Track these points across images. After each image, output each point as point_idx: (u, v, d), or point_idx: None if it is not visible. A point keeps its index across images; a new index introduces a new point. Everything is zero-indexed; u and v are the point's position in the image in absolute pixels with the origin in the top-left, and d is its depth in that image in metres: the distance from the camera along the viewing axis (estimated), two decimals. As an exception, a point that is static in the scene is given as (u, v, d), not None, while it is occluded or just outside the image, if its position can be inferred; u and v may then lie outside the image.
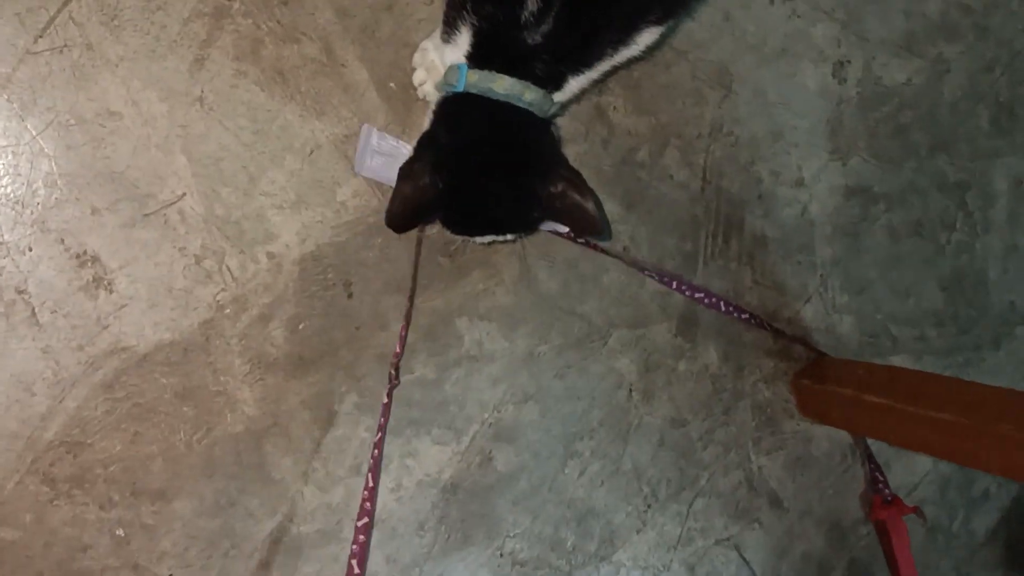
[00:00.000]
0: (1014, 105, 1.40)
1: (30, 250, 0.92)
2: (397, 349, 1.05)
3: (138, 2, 0.93)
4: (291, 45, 0.99)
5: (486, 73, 0.83)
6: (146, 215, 0.96)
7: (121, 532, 0.98)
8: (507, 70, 0.83)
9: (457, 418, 1.12)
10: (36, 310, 0.93)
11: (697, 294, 1.19)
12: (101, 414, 0.96)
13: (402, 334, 1.06)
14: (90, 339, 0.95)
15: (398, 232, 0.94)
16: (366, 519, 1.02)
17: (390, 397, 1.05)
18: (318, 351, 1.04)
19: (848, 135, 1.29)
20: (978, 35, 1.35)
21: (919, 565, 1.29)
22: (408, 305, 1.06)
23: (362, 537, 1.00)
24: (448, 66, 0.87)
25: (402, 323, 1.06)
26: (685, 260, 1.21)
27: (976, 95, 1.37)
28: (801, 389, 1.29)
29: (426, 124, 0.90)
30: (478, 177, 0.86)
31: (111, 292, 0.95)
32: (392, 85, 1.04)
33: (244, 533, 1.02)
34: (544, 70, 0.84)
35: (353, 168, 1.02)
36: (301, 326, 1.03)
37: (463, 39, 0.84)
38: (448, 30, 0.86)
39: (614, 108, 1.15)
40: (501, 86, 0.83)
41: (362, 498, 1.03)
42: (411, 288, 1.06)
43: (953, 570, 1.47)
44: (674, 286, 1.18)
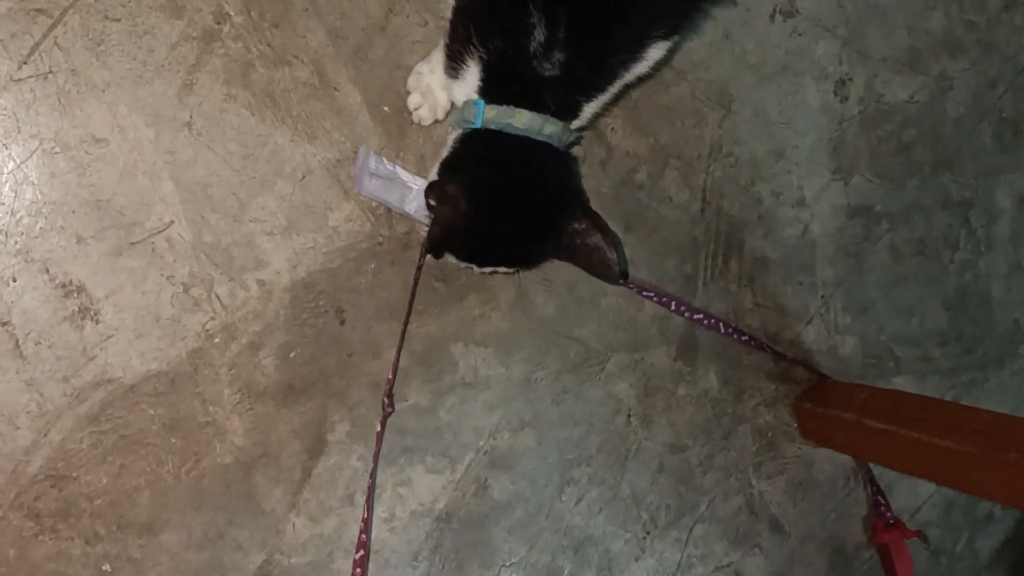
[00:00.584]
0: (1018, 122, 1.38)
1: (14, 280, 0.90)
2: (390, 376, 1.03)
3: (125, 27, 0.91)
4: (282, 68, 0.97)
5: (504, 108, 0.81)
6: (132, 243, 0.93)
7: (107, 567, 0.95)
8: (521, 103, 0.81)
9: (452, 446, 1.09)
10: (20, 341, 0.91)
11: (696, 315, 1.17)
12: (87, 447, 0.94)
13: (395, 360, 1.04)
14: (75, 370, 0.93)
15: (437, 258, 0.91)
16: (362, 552, 1.01)
17: (383, 425, 1.03)
18: (309, 379, 1.02)
19: (850, 154, 1.27)
20: (982, 51, 1.33)
21: (923, 588, 1.28)
22: (402, 330, 1.03)
23: (359, 571, 0.98)
24: (464, 102, 0.85)
25: (395, 349, 1.04)
26: (685, 282, 1.19)
27: (980, 112, 1.35)
28: (802, 413, 1.26)
29: (444, 154, 0.89)
30: (501, 210, 0.85)
31: (97, 322, 0.93)
32: (386, 108, 1.02)
33: (233, 566, 1.00)
34: (558, 100, 0.82)
35: (355, 188, 1.00)
36: (292, 354, 1.01)
37: (471, 73, 0.83)
38: (454, 64, 0.85)
39: (612, 129, 1.12)
40: (520, 121, 0.81)
41: (359, 530, 1.01)
42: (406, 313, 1.04)
43: (957, 593, 1.45)
44: (672, 307, 1.16)
